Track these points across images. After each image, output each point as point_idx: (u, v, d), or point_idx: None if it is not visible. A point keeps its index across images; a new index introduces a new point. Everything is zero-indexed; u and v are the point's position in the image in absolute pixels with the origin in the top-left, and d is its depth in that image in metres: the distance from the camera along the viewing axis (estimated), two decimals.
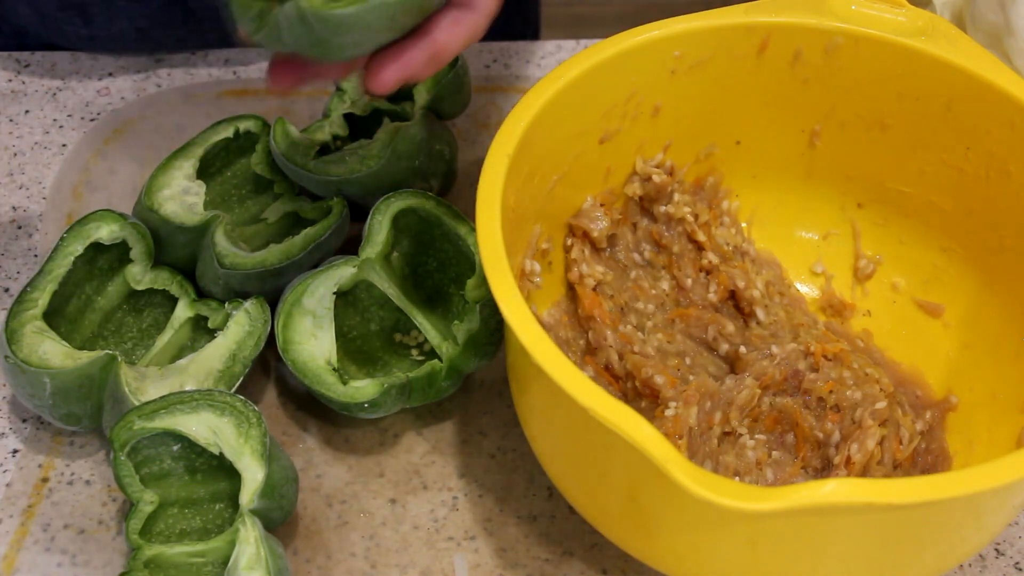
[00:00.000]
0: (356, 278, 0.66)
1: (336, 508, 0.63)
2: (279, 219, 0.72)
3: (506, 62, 0.85)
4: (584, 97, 0.61)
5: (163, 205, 0.67)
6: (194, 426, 0.58)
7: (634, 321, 0.66)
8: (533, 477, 0.64)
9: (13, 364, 0.60)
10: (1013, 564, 0.62)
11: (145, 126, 0.80)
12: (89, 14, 0.81)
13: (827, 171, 0.68)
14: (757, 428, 0.62)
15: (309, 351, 0.63)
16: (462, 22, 0.55)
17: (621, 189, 0.67)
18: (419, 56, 0.54)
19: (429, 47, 0.55)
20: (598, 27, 2.02)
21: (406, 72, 0.55)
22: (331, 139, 0.73)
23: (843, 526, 0.49)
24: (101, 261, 0.66)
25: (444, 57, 0.55)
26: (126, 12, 0.81)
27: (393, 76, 0.55)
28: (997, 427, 0.61)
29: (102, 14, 0.81)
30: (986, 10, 0.74)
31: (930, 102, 0.63)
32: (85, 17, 0.81)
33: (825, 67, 0.64)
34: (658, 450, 0.46)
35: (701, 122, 0.66)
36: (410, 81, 0.55)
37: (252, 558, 0.55)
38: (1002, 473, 0.46)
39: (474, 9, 0.55)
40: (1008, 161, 0.61)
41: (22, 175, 0.77)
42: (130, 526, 0.58)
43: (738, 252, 0.68)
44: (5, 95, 0.82)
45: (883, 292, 0.69)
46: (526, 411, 0.58)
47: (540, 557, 0.61)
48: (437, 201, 0.67)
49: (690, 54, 0.63)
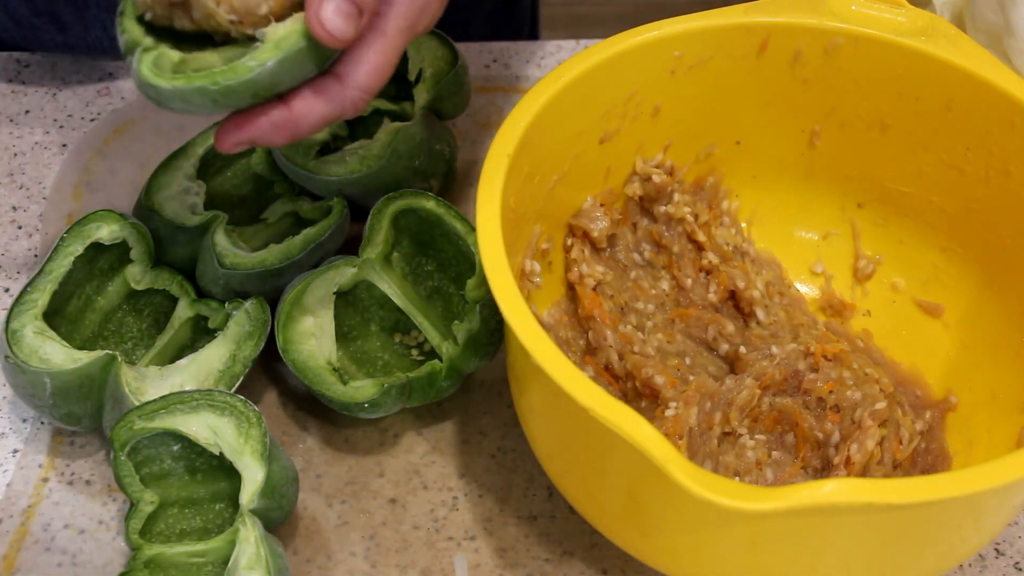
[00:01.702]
0: (356, 278, 0.66)
1: (336, 508, 0.63)
2: (279, 219, 0.72)
3: (506, 62, 0.85)
4: (584, 97, 0.61)
5: (163, 205, 0.67)
6: (194, 426, 0.58)
7: (634, 321, 0.66)
8: (533, 477, 0.64)
9: (13, 364, 0.60)
10: (1013, 564, 0.62)
11: (145, 126, 0.80)
12: (63, 22, 0.80)
13: (827, 171, 0.68)
14: (757, 428, 0.62)
15: (309, 351, 0.63)
16: (324, 93, 0.54)
17: (621, 189, 0.67)
18: (265, 123, 0.54)
19: (281, 115, 0.54)
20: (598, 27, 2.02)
21: (250, 136, 0.54)
22: (331, 139, 0.73)
23: (843, 526, 0.49)
24: (101, 261, 0.66)
25: (300, 126, 0.54)
26: (99, 20, 0.80)
27: (235, 139, 0.54)
28: (997, 427, 0.61)
29: (76, 22, 0.80)
30: (986, 10, 0.74)
31: (930, 102, 0.63)
32: (59, 24, 0.80)
33: (825, 67, 0.64)
34: (658, 450, 0.46)
35: (701, 122, 0.66)
36: (259, 145, 0.55)
37: (252, 558, 0.55)
38: (1002, 473, 0.46)
39: (343, 82, 0.54)
40: (1008, 161, 0.61)
41: (22, 175, 0.77)
42: (130, 526, 0.58)
43: (738, 252, 0.68)
44: (5, 95, 0.82)
45: (883, 292, 0.69)
46: (526, 411, 0.58)
47: (540, 557, 0.61)
48: (437, 201, 0.67)
49: (690, 54, 0.63)
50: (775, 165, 0.69)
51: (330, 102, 0.54)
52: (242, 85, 0.52)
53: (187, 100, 0.53)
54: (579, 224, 0.65)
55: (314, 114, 0.54)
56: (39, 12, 0.80)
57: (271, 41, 0.52)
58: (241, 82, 0.52)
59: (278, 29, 0.52)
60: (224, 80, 0.52)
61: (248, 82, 0.52)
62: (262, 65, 0.52)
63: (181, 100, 0.53)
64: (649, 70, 0.63)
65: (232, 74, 0.52)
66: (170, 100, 0.53)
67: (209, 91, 0.52)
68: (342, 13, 0.51)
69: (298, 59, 0.53)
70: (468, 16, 0.93)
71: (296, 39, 0.52)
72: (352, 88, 0.54)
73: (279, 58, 0.52)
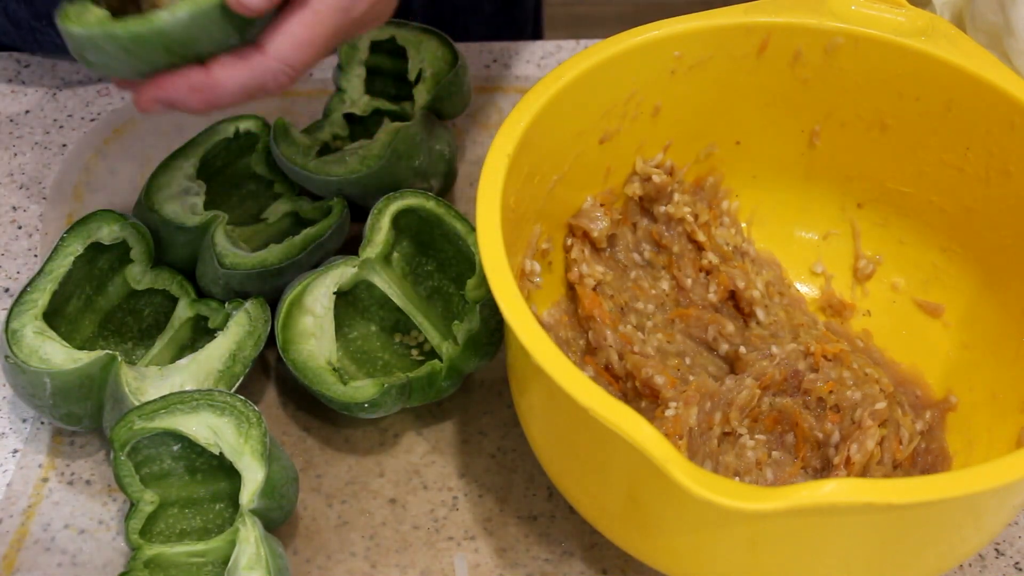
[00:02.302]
0: (356, 278, 0.66)
1: (336, 508, 0.63)
2: (279, 219, 0.72)
3: (506, 62, 0.85)
4: (584, 97, 0.61)
5: (163, 205, 0.67)
6: (194, 426, 0.58)
7: (634, 321, 0.66)
8: (533, 477, 0.64)
9: (13, 364, 0.60)
10: (1013, 564, 0.62)
11: (145, 126, 0.80)
12: None
13: (827, 171, 0.68)
14: (757, 428, 0.62)
15: (309, 351, 0.63)
16: (245, 61, 0.53)
17: (621, 189, 0.67)
18: (183, 84, 0.54)
19: (199, 78, 0.53)
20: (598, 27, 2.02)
21: (166, 95, 0.54)
22: (331, 139, 0.73)
23: (843, 526, 0.49)
24: (101, 261, 0.66)
25: (218, 91, 0.54)
26: None
27: (151, 96, 0.54)
28: (997, 427, 0.61)
29: None
30: (986, 10, 0.74)
31: (930, 102, 0.63)
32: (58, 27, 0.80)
33: (825, 67, 0.64)
34: (658, 450, 0.46)
35: (701, 122, 0.66)
36: (177, 108, 0.55)
37: (252, 558, 0.55)
38: (1002, 473, 0.46)
39: (263, 52, 0.54)
40: (1008, 161, 0.61)
41: (22, 175, 0.77)
42: (130, 526, 0.58)
43: (738, 252, 0.68)
44: (5, 95, 0.82)
45: (883, 292, 0.69)
46: (526, 411, 0.58)
47: (540, 557, 0.61)
48: (437, 201, 0.67)
49: (690, 54, 0.63)
50: (775, 165, 0.69)
51: (251, 71, 0.54)
52: (153, 34, 0.52)
53: (99, 48, 0.53)
54: (579, 224, 0.65)
55: (233, 81, 0.54)
56: (39, 15, 0.80)
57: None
58: (152, 30, 0.52)
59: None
60: (135, 27, 0.52)
61: (159, 32, 0.52)
62: (174, 16, 0.51)
63: (94, 48, 0.53)
64: (649, 70, 0.63)
65: (145, 23, 0.52)
66: (84, 48, 0.53)
67: (119, 37, 0.52)
68: None
69: (213, 17, 0.52)
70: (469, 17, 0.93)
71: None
72: (273, 59, 0.54)
73: (193, 12, 0.52)
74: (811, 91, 0.65)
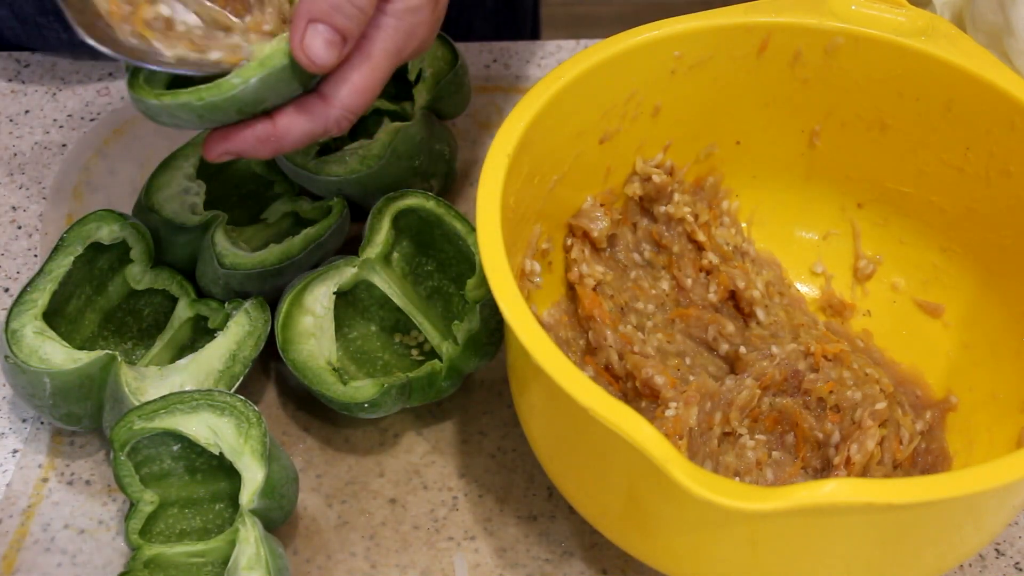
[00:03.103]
0: (356, 278, 0.66)
1: (336, 508, 0.63)
2: (279, 219, 0.72)
3: (506, 62, 0.85)
4: (584, 97, 0.61)
5: (163, 205, 0.67)
6: (194, 426, 0.58)
7: (634, 321, 0.66)
8: (533, 477, 0.64)
9: (13, 364, 0.60)
10: (1013, 564, 0.62)
11: (145, 126, 0.80)
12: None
13: (827, 171, 0.68)
14: (757, 428, 0.62)
15: (309, 351, 0.63)
16: (308, 111, 0.56)
17: (621, 189, 0.67)
18: (250, 136, 0.56)
19: (265, 130, 0.56)
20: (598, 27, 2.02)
21: (235, 148, 0.56)
22: (331, 139, 0.73)
23: (843, 526, 0.49)
24: (101, 261, 0.66)
25: (283, 141, 0.56)
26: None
27: (221, 149, 0.57)
28: (997, 427, 0.61)
29: None
30: (986, 10, 0.74)
31: (930, 102, 0.63)
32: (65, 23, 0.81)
33: (825, 67, 0.64)
34: (658, 450, 0.46)
35: (701, 122, 0.66)
36: (244, 157, 0.57)
37: (252, 558, 0.55)
38: (1002, 473, 0.46)
39: (327, 102, 0.56)
40: (1008, 161, 0.61)
41: (22, 175, 0.77)
42: (130, 526, 0.58)
43: (738, 252, 0.68)
44: (5, 95, 0.82)
45: (883, 292, 0.69)
46: (526, 411, 0.58)
47: (540, 557, 0.61)
48: (437, 201, 0.67)
49: (690, 54, 0.63)
50: (775, 165, 0.69)
51: (313, 120, 0.56)
52: (226, 101, 0.54)
53: (174, 115, 0.55)
54: (579, 224, 0.65)
55: (297, 130, 0.56)
56: (46, 11, 0.80)
57: (256, 59, 0.54)
58: (225, 98, 0.54)
59: (264, 48, 0.54)
60: (209, 96, 0.54)
61: (232, 98, 0.54)
62: (246, 82, 0.54)
63: (168, 115, 0.55)
64: (649, 70, 0.63)
65: (217, 90, 0.54)
66: (158, 115, 0.55)
67: (194, 106, 0.54)
68: (325, 41, 0.54)
69: (282, 77, 0.55)
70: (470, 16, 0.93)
71: (280, 58, 0.54)
72: (336, 107, 0.56)
73: (262, 75, 0.54)
74: (811, 91, 0.65)
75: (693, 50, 0.63)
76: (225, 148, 0.57)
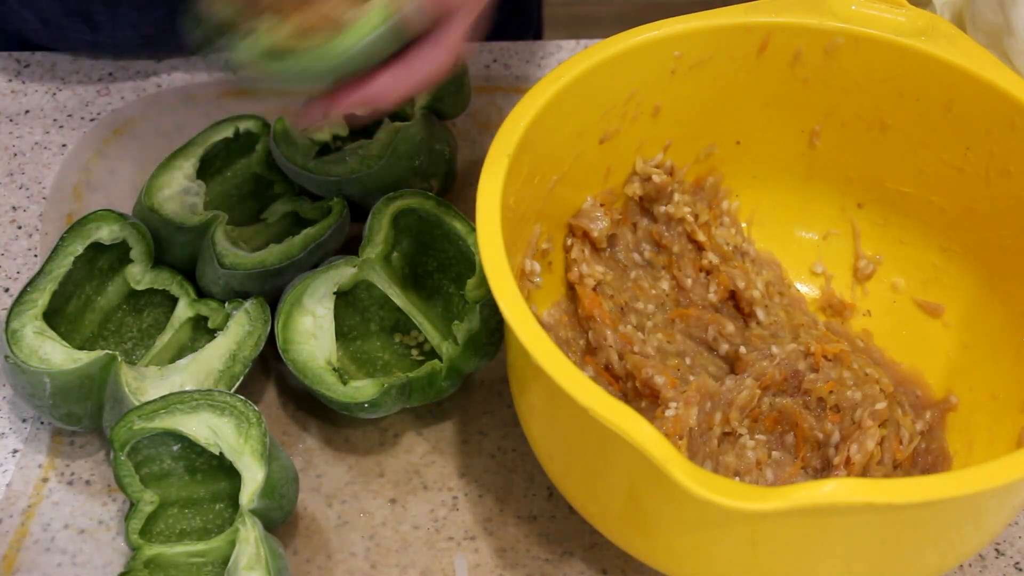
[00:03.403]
0: (356, 278, 0.66)
1: (336, 508, 0.63)
2: (279, 219, 0.72)
3: (506, 62, 0.85)
4: (584, 97, 0.61)
5: (163, 205, 0.67)
6: (194, 426, 0.58)
7: (634, 321, 0.66)
8: (533, 477, 0.64)
9: (13, 364, 0.60)
10: (1013, 564, 0.62)
11: (145, 126, 0.80)
12: (95, 21, 0.81)
13: (827, 171, 0.68)
14: (757, 428, 0.62)
15: (309, 351, 0.63)
16: (400, 77, 0.56)
17: (621, 189, 0.67)
18: (346, 103, 0.56)
19: (361, 96, 0.56)
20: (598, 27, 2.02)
21: (333, 111, 0.57)
22: (331, 139, 0.73)
23: (843, 526, 0.49)
24: (101, 261, 0.66)
25: (378, 104, 0.56)
26: (130, 20, 0.81)
27: (318, 114, 0.57)
28: (997, 427, 0.61)
29: (107, 21, 0.81)
30: (986, 10, 0.74)
31: (930, 102, 0.63)
32: (91, 24, 0.81)
33: (825, 67, 0.64)
34: (658, 450, 0.46)
35: (701, 122, 0.66)
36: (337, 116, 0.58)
37: (252, 558, 0.55)
38: (1002, 473, 0.46)
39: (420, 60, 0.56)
40: (1008, 161, 0.61)
41: (22, 175, 0.77)
42: (130, 526, 0.58)
43: (738, 252, 0.68)
44: (5, 95, 0.82)
45: (883, 292, 0.69)
46: (526, 411, 0.58)
47: (540, 557, 0.61)
48: (437, 201, 0.67)
49: (690, 54, 0.63)
50: (775, 165, 0.69)
51: (407, 83, 0.56)
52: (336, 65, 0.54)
53: (283, 78, 0.54)
54: (579, 224, 0.65)
55: (391, 94, 0.56)
56: (71, 12, 0.80)
57: (359, 22, 0.53)
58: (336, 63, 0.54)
59: (364, 11, 0.54)
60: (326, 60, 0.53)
61: (342, 63, 0.54)
62: (359, 41, 0.53)
63: (273, 79, 0.54)
64: (649, 70, 0.63)
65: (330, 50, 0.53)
66: (260, 81, 0.55)
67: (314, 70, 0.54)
68: None
69: (379, 43, 0.54)
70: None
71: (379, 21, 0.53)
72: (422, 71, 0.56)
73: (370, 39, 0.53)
74: (811, 91, 0.65)
75: (693, 50, 0.63)
76: (319, 113, 0.57)
